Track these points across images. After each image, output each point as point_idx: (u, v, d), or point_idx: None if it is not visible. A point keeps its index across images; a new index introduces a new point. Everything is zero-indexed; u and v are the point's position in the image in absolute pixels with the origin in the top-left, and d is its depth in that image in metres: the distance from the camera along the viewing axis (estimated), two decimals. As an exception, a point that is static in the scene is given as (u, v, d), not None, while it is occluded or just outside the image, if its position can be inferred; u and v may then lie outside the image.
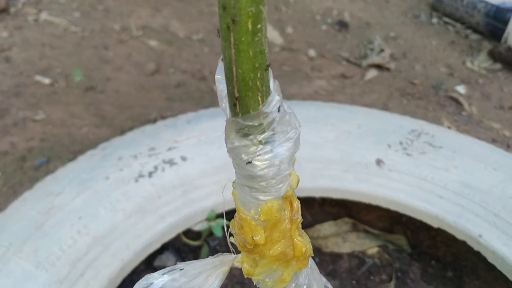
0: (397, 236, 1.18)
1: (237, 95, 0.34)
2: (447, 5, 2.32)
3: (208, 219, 1.03)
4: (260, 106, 0.34)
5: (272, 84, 0.35)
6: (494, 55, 2.06)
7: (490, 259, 0.96)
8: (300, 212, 0.43)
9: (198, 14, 1.98)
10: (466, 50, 2.11)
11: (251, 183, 0.38)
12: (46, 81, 1.56)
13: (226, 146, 0.37)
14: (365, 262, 1.14)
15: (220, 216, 1.04)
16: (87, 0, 1.97)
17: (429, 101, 1.76)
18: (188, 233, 1.08)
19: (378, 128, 1.14)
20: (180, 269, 0.47)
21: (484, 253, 0.97)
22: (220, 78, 0.36)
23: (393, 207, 1.05)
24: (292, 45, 1.94)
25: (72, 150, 1.33)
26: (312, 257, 1.08)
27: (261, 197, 0.39)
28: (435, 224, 1.02)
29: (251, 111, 0.34)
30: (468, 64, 2.02)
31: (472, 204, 1.01)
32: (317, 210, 1.25)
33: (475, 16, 2.22)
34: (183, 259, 1.10)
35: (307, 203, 1.24)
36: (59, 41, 1.75)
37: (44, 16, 1.85)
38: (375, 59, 1.85)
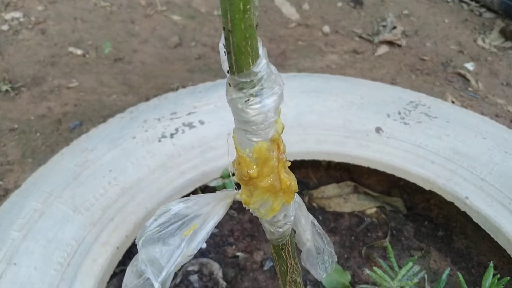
0: (394, 199, 1.29)
1: (233, 58, 0.45)
2: (463, -17, 2.37)
3: (223, 177, 1.16)
4: (251, 67, 0.46)
5: (261, 50, 0.47)
6: (505, 34, 2.12)
7: (475, 219, 1.07)
8: (285, 154, 0.55)
9: (219, -10, 2.08)
10: (478, 28, 2.17)
11: (246, 127, 0.50)
12: (79, 52, 1.70)
13: (227, 98, 0.49)
14: (363, 220, 1.26)
15: (233, 174, 1.17)
16: (115, -24, 2.09)
17: (437, 76, 1.84)
18: (205, 189, 1.22)
19: (379, 99, 1.25)
20: (193, 199, 0.60)
21: (469, 213, 1.08)
22: (222, 45, 0.48)
23: (389, 171, 1.16)
24: (308, 21, 2.03)
25: (102, 115, 1.47)
26: (316, 215, 1.23)
27: (253, 139, 0.51)
28: (426, 187, 1.13)
29: (244, 71, 0.46)
30: (479, 42, 2.08)
31: (461, 169, 1.12)
32: (322, 173, 1.36)
33: (490, -5, 2.27)
34: (199, 212, 1.24)
35: (313, 166, 1.36)
36: (89, 15, 1.88)
37: (75, -9, 1.98)
38: (387, 35, 1.93)
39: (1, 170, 1.31)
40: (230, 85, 0.48)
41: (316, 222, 0.70)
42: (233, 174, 0.59)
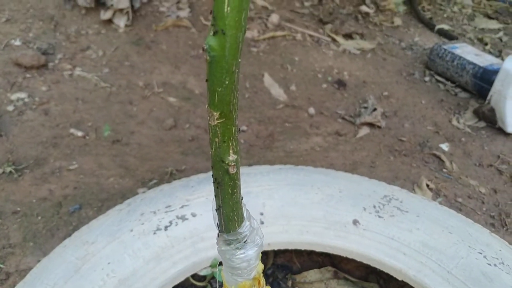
0: (371, 284, 1.39)
1: (223, 223, 0.57)
2: (439, 65, 2.55)
3: (212, 266, 1.25)
4: (237, 229, 0.57)
5: (245, 213, 0.59)
6: (478, 114, 2.28)
7: (442, 309, 1.17)
8: (265, 286, 0.66)
9: (212, 71, 2.23)
10: (453, 108, 2.33)
11: (232, 270, 0.61)
12: (79, 133, 1.81)
13: (217, 248, 0.60)
14: (343, 305, 1.35)
15: (221, 264, 1.26)
16: (115, 56, 2.24)
17: (414, 158, 1.98)
18: (195, 276, 1.31)
19: (356, 193, 1.37)
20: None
21: (437, 303, 1.18)
22: (215, 208, 0.59)
23: (365, 261, 1.27)
24: (295, 102, 2.18)
25: (100, 198, 1.57)
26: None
27: (238, 279, 0.62)
28: (399, 277, 1.23)
29: (231, 232, 0.58)
30: (454, 122, 2.24)
31: (430, 261, 1.22)
32: (305, 258, 1.46)
33: (464, 76, 2.45)
34: (190, 297, 1.33)
35: (297, 252, 1.46)
36: (90, 95, 2.01)
37: (77, 71, 2.12)
38: (368, 118, 2.08)
39: (3, 253, 1.39)
40: (220, 240, 0.59)
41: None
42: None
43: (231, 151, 0.50)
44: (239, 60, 0.46)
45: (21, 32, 2.27)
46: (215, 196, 0.55)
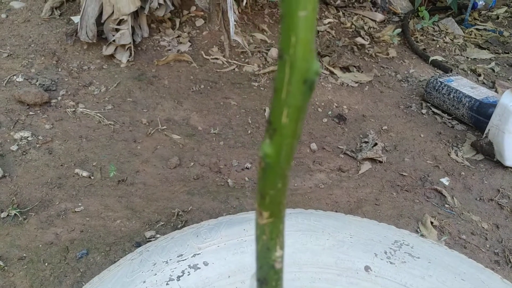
0: (382, 329, 1.39)
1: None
2: (436, 97, 2.60)
3: (225, 316, 1.25)
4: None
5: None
6: (476, 147, 2.32)
7: None
8: None
9: (215, 106, 2.25)
10: (451, 141, 2.37)
11: None
12: (84, 173, 1.81)
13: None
14: None
15: (234, 313, 1.26)
16: (118, 92, 2.25)
17: (416, 193, 2.00)
18: (207, 324, 1.30)
19: (367, 238, 1.38)
20: None
21: None
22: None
23: (378, 308, 1.27)
24: (297, 137, 2.19)
25: (107, 242, 1.56)
26: None
27: None
28: (412, 325, 1.24)
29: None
30: (453, 155, 2.27)
31: (443, 309, 1.23)
32: (315, 302, 1.46)
33: (461, 109, 2.49)
34: None
35: (307, 296, 1.46)
36: (94, 133, 2.01)
37: (80, 108, 2.12)
38: (369, 153, 2.10)
39: (11, 302, 1.37)
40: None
41: None
42: None
43: (278, 247, 0.51)
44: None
45: (23, 68, 2.27)
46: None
